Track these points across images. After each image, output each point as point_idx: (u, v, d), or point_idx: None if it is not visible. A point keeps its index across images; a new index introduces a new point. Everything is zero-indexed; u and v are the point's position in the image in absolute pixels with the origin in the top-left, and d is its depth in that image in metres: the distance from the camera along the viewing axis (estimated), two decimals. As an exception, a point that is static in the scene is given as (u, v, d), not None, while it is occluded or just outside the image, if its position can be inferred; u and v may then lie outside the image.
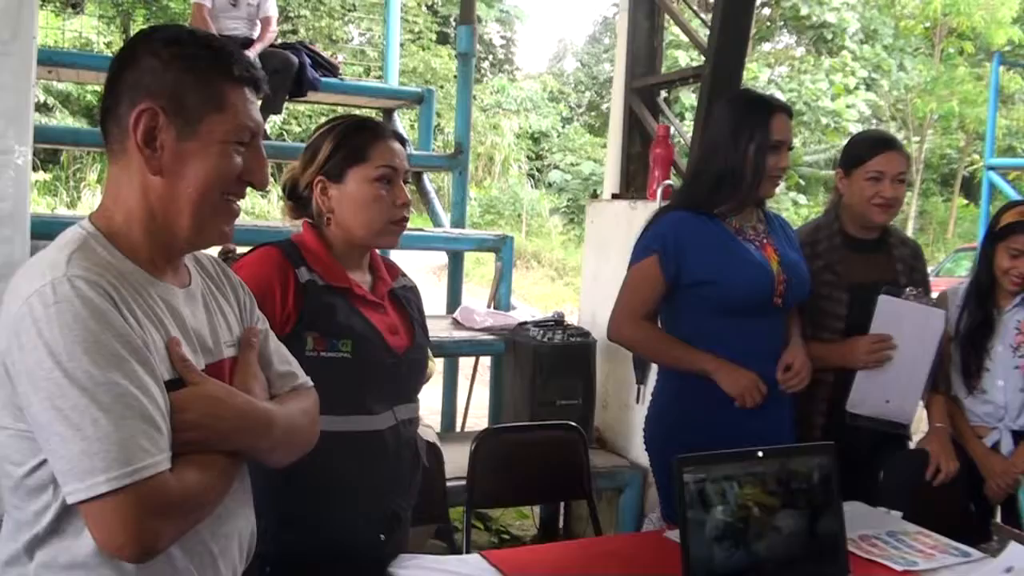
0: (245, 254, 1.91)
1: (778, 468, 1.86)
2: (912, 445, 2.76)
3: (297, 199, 1.95)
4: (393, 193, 1.88)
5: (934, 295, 2.74)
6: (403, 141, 1.94)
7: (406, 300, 2.01)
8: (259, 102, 1.34)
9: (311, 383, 1.52)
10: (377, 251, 2.02)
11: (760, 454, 1.85)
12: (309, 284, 1.80)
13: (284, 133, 15.44)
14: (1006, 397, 2.68)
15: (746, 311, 2.32)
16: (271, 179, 1.95)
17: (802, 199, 19.49)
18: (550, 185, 21.25)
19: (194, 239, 1.31)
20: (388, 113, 6.19)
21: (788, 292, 2.35)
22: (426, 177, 5.97)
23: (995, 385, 2.69)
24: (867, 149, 2.61)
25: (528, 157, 21.83)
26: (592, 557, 2.02)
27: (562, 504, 4.06)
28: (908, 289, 2.58)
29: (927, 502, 2.58)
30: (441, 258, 6.90)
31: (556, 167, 21.36)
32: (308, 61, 5.24)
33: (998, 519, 2.71)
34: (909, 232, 20.75)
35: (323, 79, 5.35)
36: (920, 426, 2.83)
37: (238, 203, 1.34)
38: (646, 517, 3.65)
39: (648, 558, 1.98)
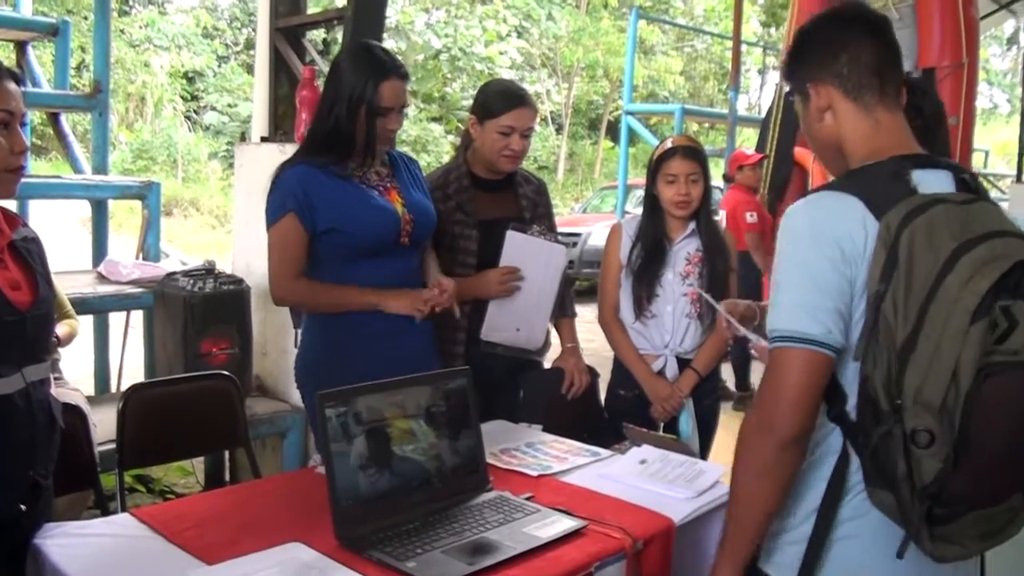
0: None
1: (417, 394, 2.00)
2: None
3: None
4: (11, 139, 1.76)
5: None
6: (19, 80, 1.81)
7: (27, 252, 1.88)
8: None
9: None
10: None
11: (399, 383, 1.98)
12: None
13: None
14: (674, 322, 2.91)
15: (376, 252, 2.42)
16: None
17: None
18: (207, 128, 20.11)
19: None
20: (21, 46, 5.54)
21: (415, 231, 2.48)
22: (63, 118, 5.45)
23: (665, 311, 2.91)
24: (500, 103, 2.70)
25: (183, 98, 20.45)
26: (244, 500, 2.05)
27: (227, 456, 4.01)
28: (534, 226, 2.80)
29: (564, 414, 2.86)
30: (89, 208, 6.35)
31: (213, 108, 20.23)
32: (-70, -15, 4.58)
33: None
34: (559, 173, 22.29)
35: (-55, 6, 4.70)
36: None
37: None
38: (311, 459, 3.71)
39: (299, 494, 2.05)
